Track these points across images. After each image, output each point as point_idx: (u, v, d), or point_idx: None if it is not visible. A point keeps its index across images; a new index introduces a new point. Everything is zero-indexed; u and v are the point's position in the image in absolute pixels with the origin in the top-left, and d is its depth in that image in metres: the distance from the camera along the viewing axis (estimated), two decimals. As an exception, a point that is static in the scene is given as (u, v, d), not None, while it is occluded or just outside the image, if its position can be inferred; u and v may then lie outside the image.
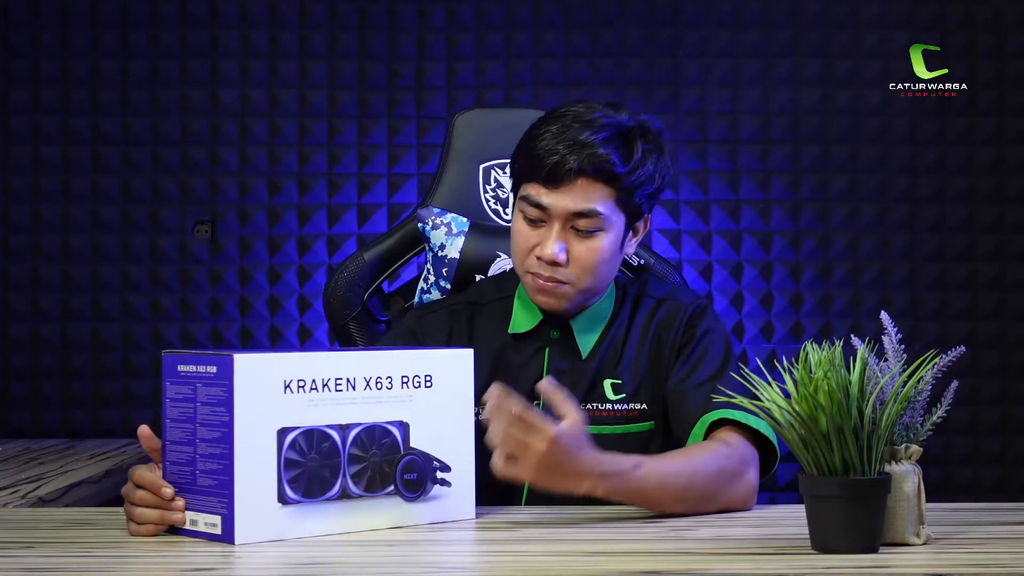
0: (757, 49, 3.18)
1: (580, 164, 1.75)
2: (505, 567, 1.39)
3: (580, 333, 1.85)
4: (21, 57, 3.19)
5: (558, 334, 1.86)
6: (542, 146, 1.77)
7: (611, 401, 1.83)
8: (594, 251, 1.78)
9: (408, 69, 3.19)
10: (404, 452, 1.57)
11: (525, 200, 1.79)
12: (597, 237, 1.78)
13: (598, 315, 1.87)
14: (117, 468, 2.55)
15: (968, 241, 3.15)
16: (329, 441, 1.52)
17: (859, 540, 1.38)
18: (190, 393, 1.50)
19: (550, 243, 1.77)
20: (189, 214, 3.18)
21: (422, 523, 1.56)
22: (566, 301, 1.82)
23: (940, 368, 1.46)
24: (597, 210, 1.77)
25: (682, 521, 1.62)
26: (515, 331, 1.87)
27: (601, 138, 1.76)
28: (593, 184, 1.76)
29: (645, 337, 1.86)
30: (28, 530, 1.58)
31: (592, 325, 1.86)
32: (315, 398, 1.51)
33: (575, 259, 1.78)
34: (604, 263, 1.80)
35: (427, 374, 1.58)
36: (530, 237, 1.80)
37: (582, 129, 1.77)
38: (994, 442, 3.13)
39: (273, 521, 1.48)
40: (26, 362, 3.17)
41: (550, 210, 1.77)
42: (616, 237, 1.80)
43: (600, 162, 1.75)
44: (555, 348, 1.85)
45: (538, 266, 1.79)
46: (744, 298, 3.15)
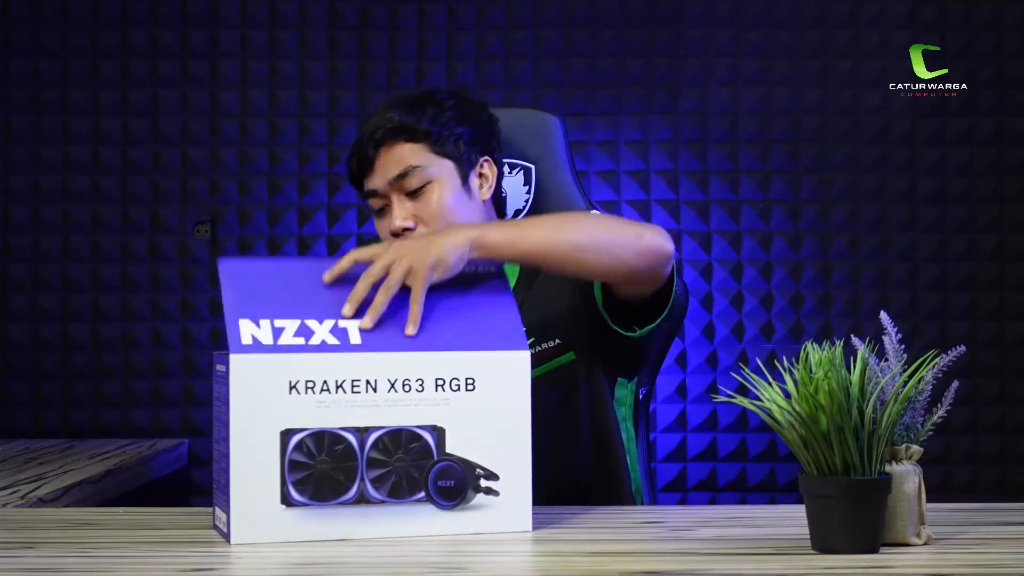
0: (757, 49, 3.18)
1: (375, 135, 1.85)
2: (505, 567, 1.39)
3: None
4: (21, 57, 3.19)
5: None
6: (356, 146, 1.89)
7: None
8: (433, 202, 1.85)
9: (408, 69, 3.19)
10: (438, 458, 1.52)
11: (366, 197, 1.89)
12: (429, 190, 1.85)
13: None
14: (117, 468, 2.55)
15: (968, 241, 3.15)
16: (344, 444, 1.50)
17: (859, 540, 1.38)
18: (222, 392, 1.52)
19: (393, 215, 1.85)
20: (189, 214, 3.18)
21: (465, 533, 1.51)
22: None
23: (940, 368, 1.46)
24: (412, 164, 1.84)
25: (682, 521, 1.62)
26: None
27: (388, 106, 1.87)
28: (396, 147, 1.85)
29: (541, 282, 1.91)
30: (28, 530, 1.58)
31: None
32: (327, 400, 1.49)
33: (421, 219, 1.85)
34: (450, 212, 1.85)
35: (468, 377, 1.53)
36: (384, 226, 1.88)
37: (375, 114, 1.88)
38: (994, 442, 3.13)
39: (276, 523, 1.47)
40: (26, 362, 3.17)
41: (379, 189, 1.86)
42: (453, 185, 1.87)
43: (388, 123, 1.85)
44: None
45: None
46: (744, 298, 3.15)
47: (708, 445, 3.12)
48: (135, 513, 1.69)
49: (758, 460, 3.13)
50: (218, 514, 1.53)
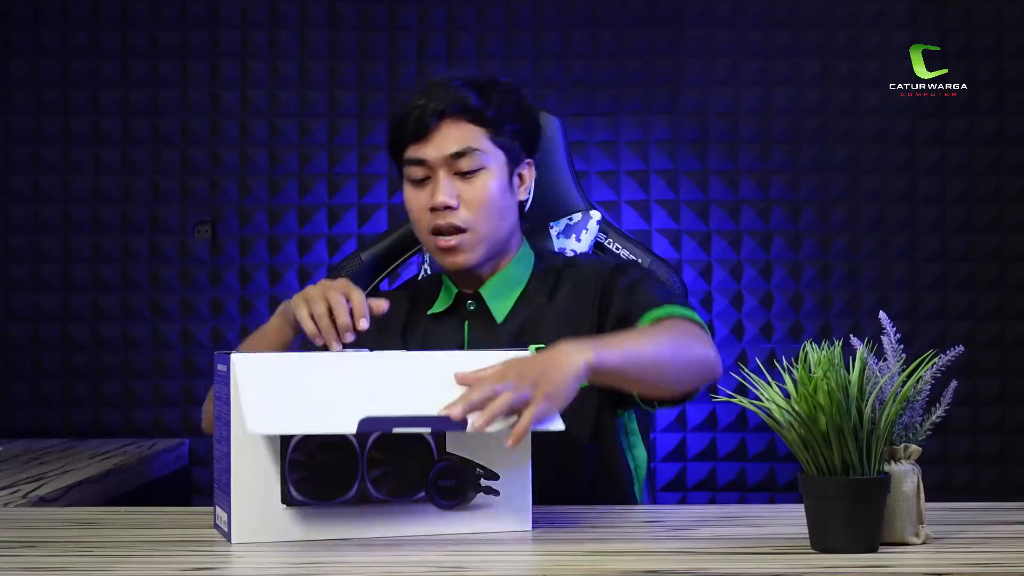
0: (757, 49, 3.18)
1: (439, 106, 1.82)
2: (505, 567, 1.39)
3: (492, 299, 1.88)
4: (21, 57, 3.19)
5: (475, 306, 1.89)
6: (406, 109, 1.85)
7: None
8: (481, 190, 1.83)
9: (408, 69, 3.19)
10: (438, 458, 1.52)
11: (406, 164, 1.85)
12: (480, 176, 1.83)
13: (510, 280, 1.90)
14: (117, 468, 2.55)
15: (968, 241, 3.15)
16: (344, 443, 1.50)
17: (859, 540, 1.38)
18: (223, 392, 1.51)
19: (438, 190, 1.82)
20: (189, 214, 3.18)
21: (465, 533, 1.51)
22: (470, 252, 1.85)
23: (939, 368, 1.46)
24: (472, 146, 1.83)
25: (682, 521, 1.62)
26: (433, 312, 1.92)
27: (456, 84, 1.85)
28: (460, 124, 1.83)
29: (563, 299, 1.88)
30: (28, 530, 1.58)
31: (504, 290, 1.89)
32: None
33: (465, 201, 1.83)
34: (494, 202, 1.84)
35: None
36: (421, 197, 1.85)
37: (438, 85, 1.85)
38: (993, 442, 3.13)
39: (276, 522, 1.47)
40: (26, 362, 3.17)
41: (429, 161, 1.83)
42: (501, 178, 1.85)
43: (458, 101, 1.83)
44: (474, 321, 1.89)
45: (435, 218, 1.83)
46: (744, 298, 3.15)
47: (708, 445, 3.12)
48: (136, 513, 1.69)
49: (758, 460, 3.13)
50: (219, 514, 1.53)
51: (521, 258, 1.92)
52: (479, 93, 1.85)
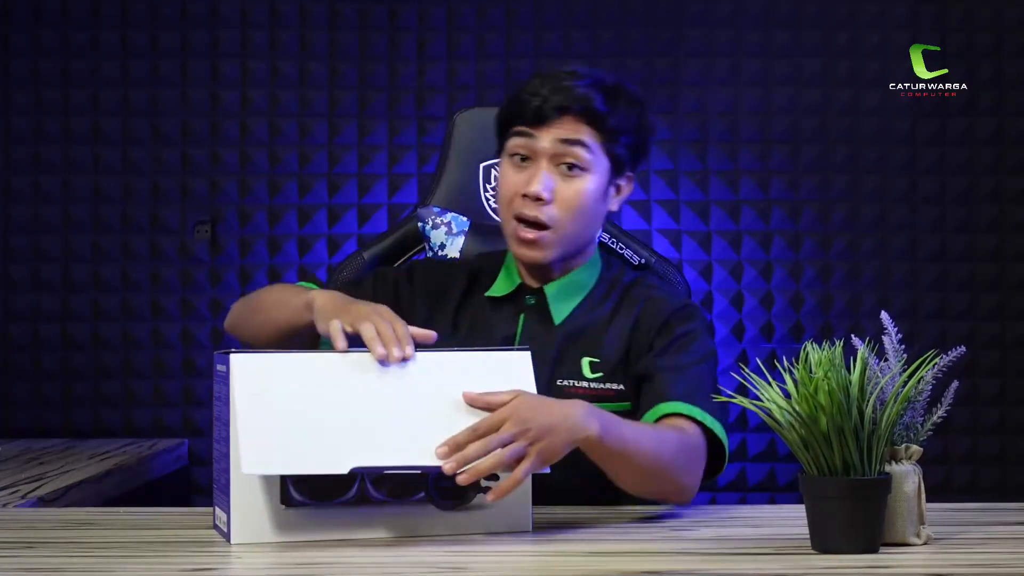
0: (757, 49, 3.18)
1: (563, 102, 1.80)
2: (504, 567, 1.39)
3: (554, 300, 1.86)
4: (21, 57, 3.19)
5: (534, 301, 1.88)
6: (527, 92, 1.83)
7: (587, 379, 1.82)
8: (578, 192, 1.81)
9: (408, 69, 3.19)
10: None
11: (514, 139, 1.83)
12: (582, 178, 1.81)
13: (576, 284, 1.88)
14: (117, 468, 2.55)
15: (968, 241, 3.15)
16: None
17: (859, 540, 1.38)
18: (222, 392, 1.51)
19: (536, 178, 1.80)
20: (189, 214, 3.18)
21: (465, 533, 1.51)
22: (547, 250, 1.83)
23: (940, 368, 1.46)
24: (583, 141, 1.80)
25: (682, 521, 1.62)
26: (491, 295, 1.90)
27: (584, 83, 1.83)
28: (578, 123, 1.81)
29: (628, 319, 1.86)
30: (28, 530, 1.58)
31: (568, 294, 1.87)
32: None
33: (560, 198, 1.81)
34: (587, 207, 1.82)
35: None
36: (518, 179, 1.82)
37: (565, 77, 1.83)
38: (994, 442, 3.13)
39: (276, 522, 1.47)
40: (26, 362, 3.17)
41: (536, 146, 1.81)
42: (600, 184, 1.83)
43: (584, 101, 1.81)
44: (530, 315, 1.87)
45: (523, 205, 1.81)
46: (744, 298, 3.15)
47: (708, 445, 3.12)
48: (135, 513, 1.69)
49: (758, 460, 3.13)
50: (218, 514, 1.53)
51: (592, 264, 1.91)
52: (605, 97, 1.83)
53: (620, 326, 1.85)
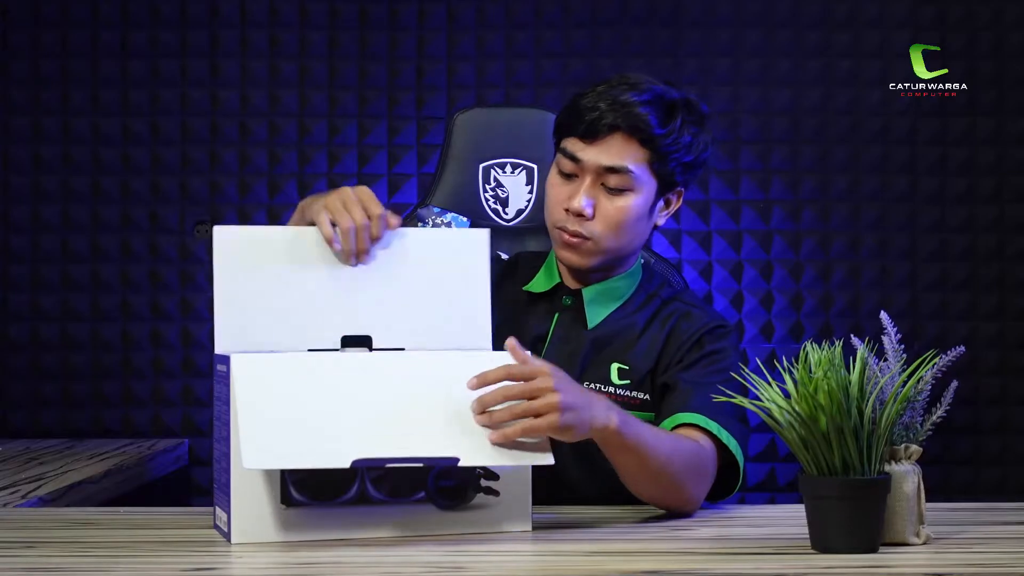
0: (757, 49, 3.18)
1: (616, 120, 1.79)
2: (504, 567, 1.39)
3: (590, 304, 1.88)
4: (21, 57, 3.19)
5: (571, 302, 1.89)
6: (585, 103, 1.83)
7: (615, 385, 1.83)
8: (621, 210, 1.82)
9: (408, 69, 3.19)
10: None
11: (562, 153, 1.84)
12: (625, 196, 1.82)
13: (614, 291, 1.89)
14: (117, 468, 2.55)
15: (968, 241, 3.15)
16: None
17: (859, 540, 1.38)
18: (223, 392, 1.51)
19: (579, 196, 1.81)
20: (189, 214, 3.18)
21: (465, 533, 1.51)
22: (588, 257, 1.85)
23: (940, 368, 1.46)
24: (628, 168, 1.80)
25: (682, 521, 1.62)
26: (529, 289, 1.92)
27: (642, 99, 1.82)
28: (628, 142, 1.81)
29: (661, 333, 1.87)
30: (28, 530, 1.58)
31: (605, 299, 1.89)
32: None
33: (601, 215, 1.82)
34: (629, 224, 1.83)
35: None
36: (562, 191, 1.84)
37: (626, 90, 1.82)
38: (994, 442, 3.13)
39: (276, 522, 1.47)
40: (26, 362, 3.17)
41: (583, 163, 1.81)
42: (645, 201, 1.84)
43: (637, 121, 1.80)
44: (565, 315, 1.89)
45: (566, 219, 1.83)
46: (744, 298, 3.15)
47: (708, 445, 3.12)
48: (135, 513, 1.69)
49: (758, 460, 3.13)
50: (218, 514, 1.53)
51: (632, 274, 1.92)
52: (662, 118, 1.82)
53: (652, 337, 1.87)
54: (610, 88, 1.83)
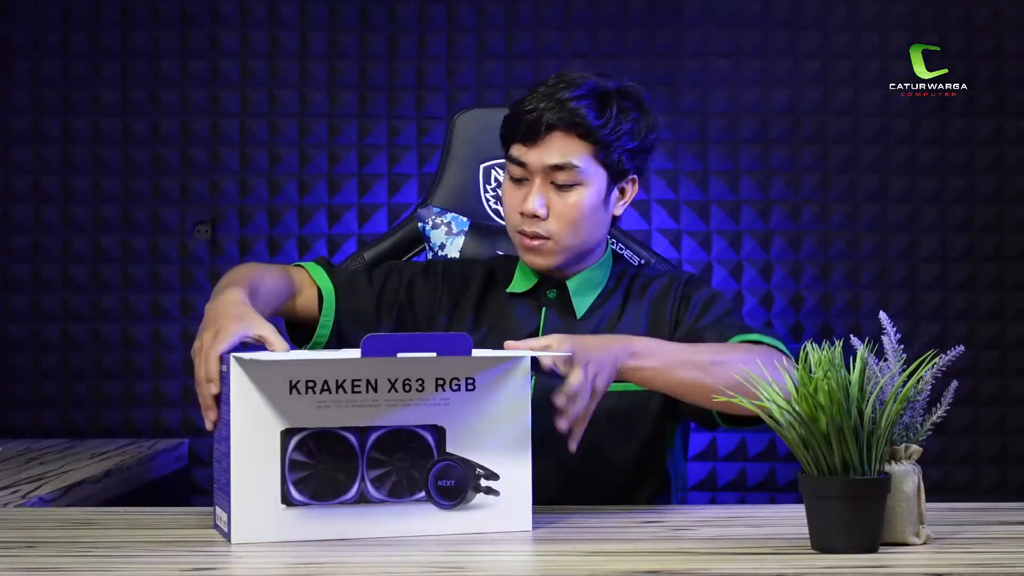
0: (757, 49, 3.18)
1: (553, 119, 1.82)
2: (505, 567, 1.39)
3: (576, 294, 1.91)
4: (21, 57, 3.19)
5: (555, 295, 1.92)
6: (523, 107, 1.85)
7: None
8: (573, 205, 1.84)
9: (408, 69, 3.19)
10: (438, 458, 1.52)
11: (509, 160, 1.87)
12: (575, 191, 1.84)
13: (592, 280, 1.94)
14: (117, 468, 2.55)
15: (968, 241, 3.15)
16: (343, 443, 1.50)
17: (859, 540, 1.38)
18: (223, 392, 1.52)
19: (530, 198, 1.84)
20: (189, 214, 3.18)
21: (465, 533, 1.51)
22: (552, 257, 1.88)
23: (940, 368, 1.46)
24: (572, 163, 1.83)
25: (682, 521, 1.62)
26: (512, 291, 1.94)
27: (576, 94, 1.84)
28: (568, 138, 1.83)
29: (641, 306, 1.91)
30: (28, 530, 1.58)
31: (587, 289, 1.92)
32: (327, 399, 1.49)
33: (555, 213, 1.85)
34: (584, 218, 1.86)
35: (468, 377, 1.53)
36: (515, 197, 1.87)
37: (561, 88, 1.85)
38: (994, 442, 3.13)
39: (276, 522, 1.47)
40: (26, 362, 3.17)
41: (529, 166, 1.85)
42: (597, 194, 1.86)
43: (573, 116, 1.82)
44: (552, 308, 1.91)
45: (522, 222, 1.86)
46: (744, 298, 3.15)
47: (708, 445, 3.12)
48: (135, 513, 1.69)
49: (758, 460, 3.13)
50: (219, 514, 1.53)
51: (604, 263, 1.96)
52: (599, 109, 1.84)
53: (633, 316, 1.90)
54: (546, 89, 1.85)
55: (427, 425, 1.52)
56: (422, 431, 1.52)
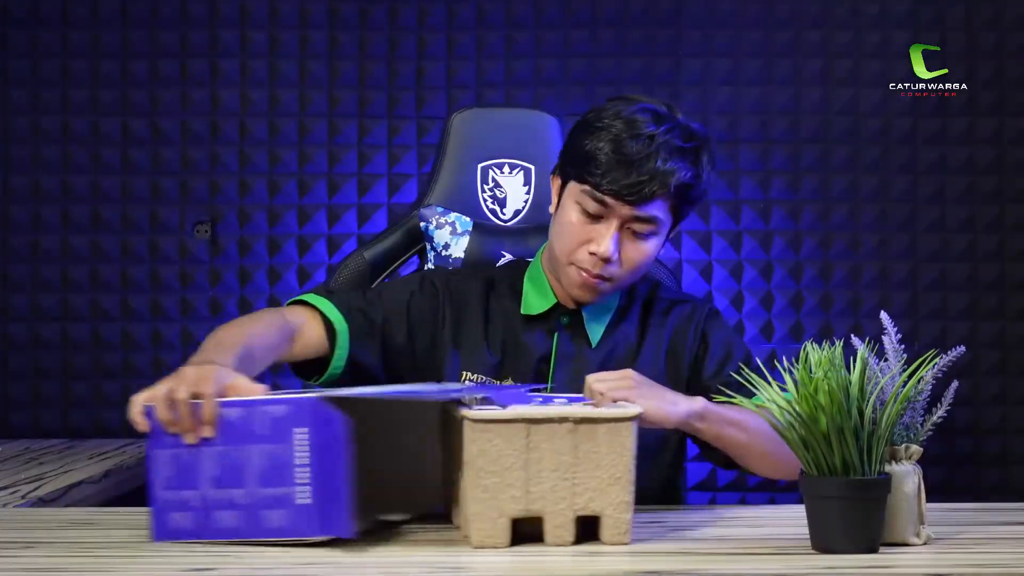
0: (757, 49, 3.18)
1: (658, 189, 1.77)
2: (505, 566, 1.39)
3: (590, 322, 1.89)
4: (21, 57, 3.19)
5: (568, 320, 1.89)
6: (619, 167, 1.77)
7: None
8: (643, 253, 1.83)
9: (408, 69, 3.19)
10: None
11: (588, 195, 1.80)
12: (651, 240, 1.83)
13: (606, 306, 1.92)
14: (117, 468, 2.55)
15: (968, 241, 3.15)
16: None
17: (859, 540, 1.38)
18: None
19: (607, 241, 1.79)
20: (189, 214, 3.17)
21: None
22: (604, 296, 1.87)
23: (940, 368, 1.46)
24: (658, 217, 1.81)
25: (682, 521, 1.62)
26: (528, 312, 1.91)
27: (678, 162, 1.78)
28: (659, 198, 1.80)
29: (661, 338, 1.90)
30: (28, 530, 1.58)
31: (601, 315, 1.90)
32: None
33: (626, 258, 1.82)
34: (648, 264, 1.86)
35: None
36: (584, 231, 1.81)
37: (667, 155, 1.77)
38: (994, 443, 3.13)
39: None
40: (26, 362, 3.17)
41: (614, 210, 1.79)
42: (661, 241, 1.86)
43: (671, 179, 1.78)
44: (564, 333, 1.89)
45: (588, 261, 1.82)
46: (744, 298, 3.15)
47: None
48: (136, 513, 1.69)
49: (758, 460, 3.12)
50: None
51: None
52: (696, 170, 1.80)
53: (653, 347, 1.90)
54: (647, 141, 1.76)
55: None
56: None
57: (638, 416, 1.47)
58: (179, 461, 1.43)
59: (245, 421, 1.40)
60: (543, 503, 1.43)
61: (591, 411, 1.45)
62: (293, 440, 1.37)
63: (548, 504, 1.43)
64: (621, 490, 1.44)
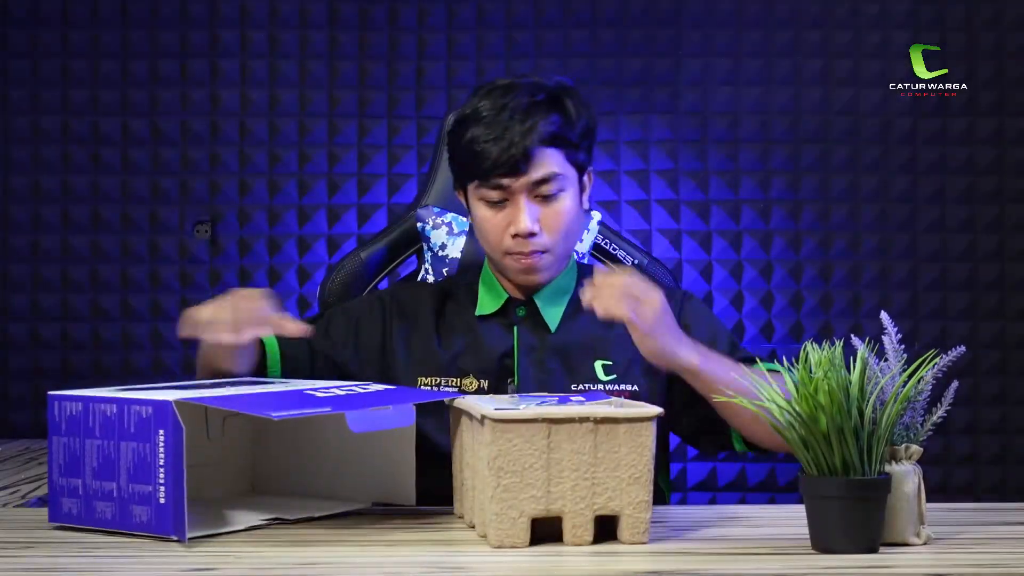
0: (757, 49, 3.18)
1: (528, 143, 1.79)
2: (505, 566, 1.39)
3: (545, 308, 1.90)
4: (21, 57, 3.19)
5: (524, 312, 1.90)
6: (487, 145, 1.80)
7: (603, 382, 1.84)
8: (562, 213, 1.83)
9: (408, 69, 3.19)
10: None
11: (483, 187, 1.83)
12: (560, 199, 1.83)
13: (559, 289, 1.92)
14: (117, 468, 2.55)
15: (968, 241, 3.15)
16: None
17: (859, 540, 1.38)
18: None
19: (521, 216, 1.81)
20: (189, 214, 3.18)
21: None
22: (548, 270, 1.87)
23: (940, 368, 1.46)
24: (555, 171, 1.81)
25: (682, 521, 1.62)
26: (481, 313, 1.91)
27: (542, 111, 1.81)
28: (544, 151, 1.81)
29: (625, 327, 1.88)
30: (28, 530, 1.58)
31: (556, 299, 1.91)
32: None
33: (546, 225, 1.83)
34: (572, 222, 1.86)
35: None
36: (499, 220, 1.84)
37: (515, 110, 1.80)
38: (994, 442, 3.13)
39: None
40: (26, 362, 3.17)
41: (510, 187, 1.81)
42: (576, 195, 1.86)
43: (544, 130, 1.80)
44: (523, 325, 1.89)
45: (516, 244, 1.83)
46: (744, 298, 3.15)
47: (708, 445, 3.12)
48: (135, 513, 1.69)
49: (758, 460, 3.13)
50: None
51: (570, 268, 1.94)
52: (562, 114, 1.82)
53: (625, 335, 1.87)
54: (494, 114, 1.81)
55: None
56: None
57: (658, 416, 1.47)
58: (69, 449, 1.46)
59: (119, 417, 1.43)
60: (563, 503, 1.43)
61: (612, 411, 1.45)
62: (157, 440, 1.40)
63: (568, 504, 1.43)
64: (640, 489, 1.43)
